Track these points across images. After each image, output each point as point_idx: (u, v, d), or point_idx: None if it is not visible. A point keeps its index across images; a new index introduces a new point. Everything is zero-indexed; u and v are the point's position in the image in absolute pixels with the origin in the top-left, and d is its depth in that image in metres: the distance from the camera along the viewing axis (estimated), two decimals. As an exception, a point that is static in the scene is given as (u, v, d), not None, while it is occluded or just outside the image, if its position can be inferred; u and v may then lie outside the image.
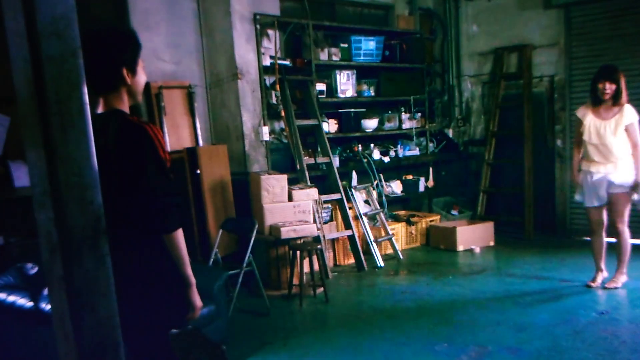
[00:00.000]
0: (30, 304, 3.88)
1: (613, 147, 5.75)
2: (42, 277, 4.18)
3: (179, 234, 2.63)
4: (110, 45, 2.60)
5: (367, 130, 8.47)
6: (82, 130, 1.55)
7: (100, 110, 2.64)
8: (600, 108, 5.86)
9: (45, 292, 3.71)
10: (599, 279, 6.12)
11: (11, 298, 3.97)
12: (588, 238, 7.98)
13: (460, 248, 7.98)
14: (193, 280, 2.74)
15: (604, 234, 6.06)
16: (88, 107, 1.57)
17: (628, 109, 5.77)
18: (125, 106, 2.67)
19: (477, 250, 7.96)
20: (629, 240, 5.96)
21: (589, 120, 5.89)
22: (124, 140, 2.54)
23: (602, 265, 6.15)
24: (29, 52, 1.48)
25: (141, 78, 2.73)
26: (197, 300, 2.79)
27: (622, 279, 6.04)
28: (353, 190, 7.82)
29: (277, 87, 7.30)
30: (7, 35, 1.50)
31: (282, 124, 7.55)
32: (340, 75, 8.12)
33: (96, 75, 2.52)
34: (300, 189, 6.80)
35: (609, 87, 5.72)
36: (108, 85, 2.63)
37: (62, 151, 1.52)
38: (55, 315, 1.62)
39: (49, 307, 3.43)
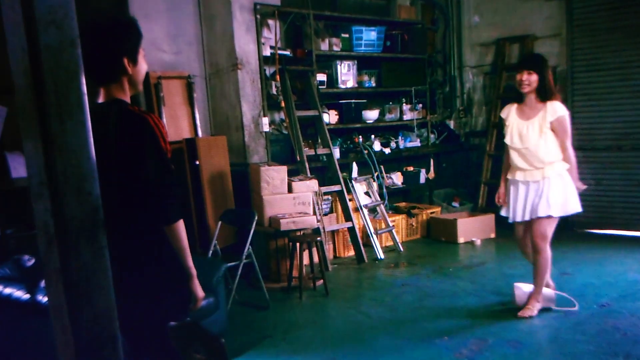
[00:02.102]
0: (27, 296, 3.87)
1: (539, 151, 4.97)
2: (39, 269, 4.17)
3: (180, 225, 2.61)
4: (111, 35, 2.59)
5: (368, 122, 8.44)
6: (80, 120, 1.53)
7: (101, 100, 2.63)
8: (525, 106, 5.09)
9: (42, 284, 3.70)
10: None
11: (8, 290, 3.96)
12: (590, 230, 7.99)
13: (461, 240, 7.96)
14: (194, 271, 2.73)
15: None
16: (86, 97, 1.55)
17: (554, 104, 4.97)
18: (126, 96, 2.66)
19: (478, 242, 7.95)
20: (549, 260, 5.13)
21: (512, 120, 5.15)
22: (125, 130, 2.53)
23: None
24: (27, 42, 1.47)
25: (142, 67, 2.72)
26: (199, 291, 2.78)
27: (538, 306, 5.20)
28: (353, 181, 7.80)
29: (277, 77, 7.27)
30: (5, 24, 1.48)
31: (282, 115, 7.53)
32: (341, 65, 8.09)
33: (97, 65, 2.51)
34: (300, 180, 6.77)
35: (527, 78, 4.94)
36: (109, 75, 2.61)
37: (60, 142, 1.50)
38: (52, 307, 1.60)
39: (46, 299, 3.42)
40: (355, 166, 8.08)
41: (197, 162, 6.39)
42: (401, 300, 5.87)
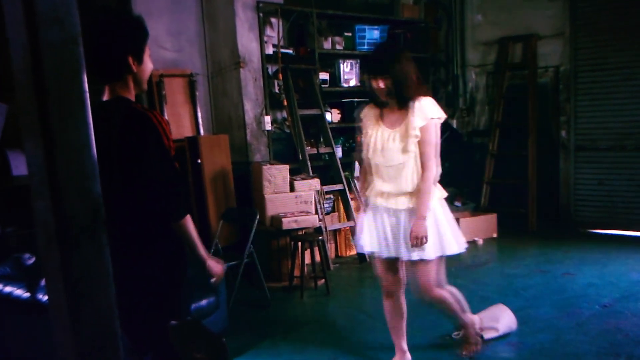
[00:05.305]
0: (27, 294, 3.88)
1: (404, 171, 3.79)
2: (39, 268, 4.17)
3: (188, 221, 2.62)
4: (117, 33, 2.58)
5: (370, 121, 8.42)
6: (81, 118, 1.52)
7: (105, 97, 2.63)
8: (390, 110, 3.85)
9: (43, 282, 3.70)
10: None
11: (8, 289, 3.97)
12: (593, 230, 7.96)
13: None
14: (207, 255, 2.75)
15: (402, 297, 4.17)
16: (87, 95, 1.54)
17: (423, 103, 3.77)
18: (131, 94, 2.66)
19: (480, 242, 7.93)
20: (451, 298, 4.10)
21: (374, 127, 3.88)
22: (128, 128, 2.53)
23: (404, 344, 4.28)
24: (28, 39, 1.45)
25: (147, 66, 2.71)
26: (214, 268, 2.80)
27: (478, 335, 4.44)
28: (355, 180, 7.79)
29: (280, 76, 7.26)
30: (6, 21, 1.47)
31: (285, 114, 7.52)
32: (343, 64, 8.07)
33: (101, 63, 2.52)
34: (302, 179, 6.77)
35: (382, 83, 3.69)
36: (113, 74, 2.61)
37: (61, 140, 1.49)
38: (52, 306, 1.59)
39: (46, 298, 3.42)
40: (357, 165, 8.06)
41: (199, 161, 6.39)
42: (403, 300, 5.86)
